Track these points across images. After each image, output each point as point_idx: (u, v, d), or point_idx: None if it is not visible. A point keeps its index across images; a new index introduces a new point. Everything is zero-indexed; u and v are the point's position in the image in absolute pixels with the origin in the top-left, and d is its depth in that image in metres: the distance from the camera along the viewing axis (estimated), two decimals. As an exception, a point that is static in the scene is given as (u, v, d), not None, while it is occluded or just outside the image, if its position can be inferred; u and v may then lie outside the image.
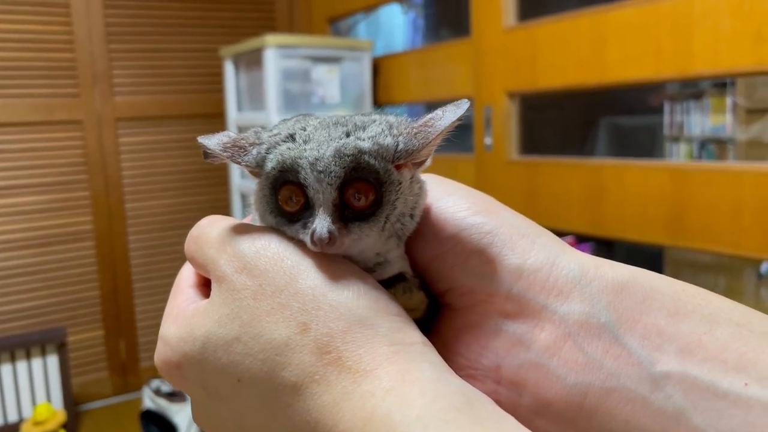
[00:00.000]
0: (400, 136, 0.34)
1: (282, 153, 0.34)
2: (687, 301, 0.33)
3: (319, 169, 0.33)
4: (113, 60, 2.94)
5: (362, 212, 0.34)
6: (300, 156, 0.33)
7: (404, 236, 0.36)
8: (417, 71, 2.38)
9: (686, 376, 0.30)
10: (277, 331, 0.31)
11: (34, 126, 2.82)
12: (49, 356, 2.74)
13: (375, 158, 0.33)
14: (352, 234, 0.33)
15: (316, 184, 0.33)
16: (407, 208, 0.35)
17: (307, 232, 0.33)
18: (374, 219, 0.34)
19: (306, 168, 0.33)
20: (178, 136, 3.13)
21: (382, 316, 0.32)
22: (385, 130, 0.34)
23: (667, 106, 2.48)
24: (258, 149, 0.35)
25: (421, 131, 0.34)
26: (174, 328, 0.35)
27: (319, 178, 0.33)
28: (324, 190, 0.33)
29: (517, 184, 1.94)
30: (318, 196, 0.33)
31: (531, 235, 0.35)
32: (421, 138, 0.34)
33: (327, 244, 0.32)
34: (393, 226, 0.35)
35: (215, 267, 0.35)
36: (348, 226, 0.33)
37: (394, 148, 0.34)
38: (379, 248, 0.35)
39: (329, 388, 0.30)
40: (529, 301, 0.33)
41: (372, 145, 0.33)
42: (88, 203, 2.96)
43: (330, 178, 0.33)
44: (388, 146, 0.34)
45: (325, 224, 0.32)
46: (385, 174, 0.34)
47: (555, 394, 0.31)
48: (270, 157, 0.34)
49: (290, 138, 0.34)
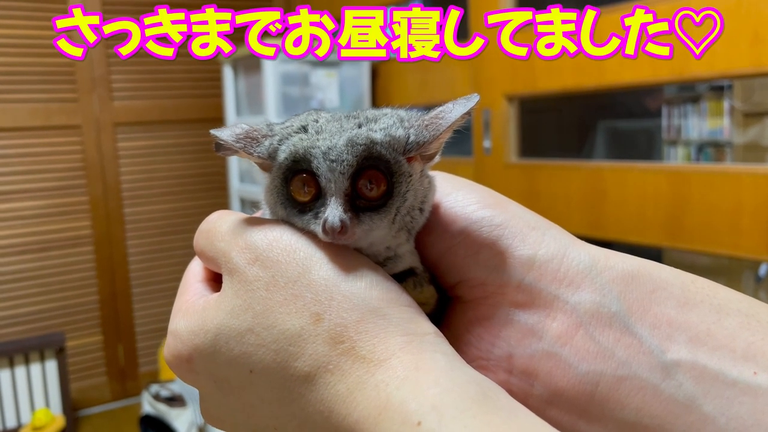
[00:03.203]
0: (411, 128, 0.35)
1: (294, 143, 0.34)
2: (696, 291, 0.33)
3: (331, 158, 0.33)
4: (112, 65, 2.94)
5: (373, 203, 0.34)
6: (313, 146, 0.33)
7: (414, 230, 0.37)
8: (415, 75, 2.38)
9: (696, 365, 0.30)
10: (291, 321, 0.31)
11: (32, 131, 2.82)
12: (48, 361, 2.72)
13: (386, 149, 0.34)
14: (363, 224, 0.33)
15: (329, 173, 0.33)
16: (417, 201, 0.36)
17: (318, 221, 0.33)
18: (385, 210, 0.34)
19: (319, 157, 0.33)
20: (176, 140, 3.13)
21: (395, 307, 0.32)
22: (396, 122, 0.35)
23: (664, 110, 2.49)
24: (270, 140, 0.35)
25: (432, 123, 0.35)
26: (184, 321, 0.36)
27: (331, 167, 0.33)
28: (336, 179, 0.33)
29: (516, 187, 1.95)
30: (330, 186, 0.33)
31: (541, 227, 0.35)
32: (432, 130, 0.34)
33: (339, 233, 0.32)
34: (403, 219, 0.35)
35: (227, 260, 0.35)
36: (359, 216, 0.33)
37: (405, 140, 0.34)
38: (389, 242, 0.35)
39: (343, 378, 0.30)
40: (541, 291, 0.33)
41: (384, 136, 0.34)
42: (86, 208, 2.96)
43: (342, 167, 0.33)
44: (399, 138, 0.34)
45: (337, 213, 0.32)
46: (396, 165, 0.34)
47: (567, 383, 0.31)
48: (282, 148, 0.34)
49: (302, 129, 0.35)
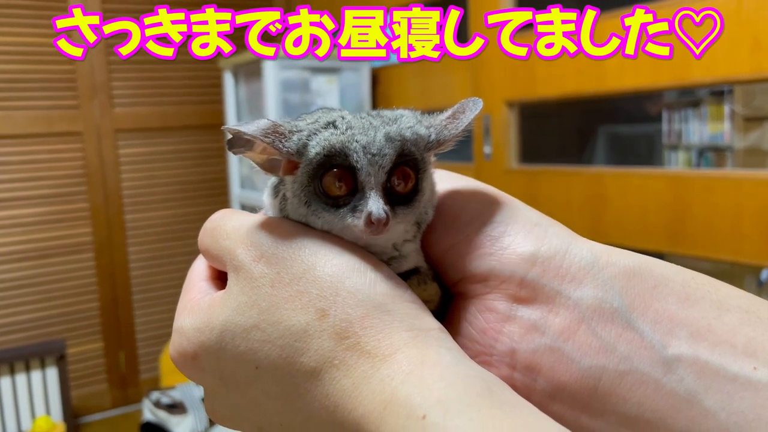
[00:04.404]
0: (431, 128, 0.37)
1: (328, 138, 0.34)
2: (696, 287, 0.33)
3: (372, 152, 0.34)
4: (112, 72, 2.96)
5: (403, 197, 0.35)
6: (350, 140, 0.34)
7: (424, 225, 0.37)
8: (416, 81, 2.39)
9: (697, 360, 0.31)
10: (296, 317, 0.32)
11: (33, 138, 2.83)
12: (49, 369, 2.72)
13: (414, 146, 0.35)
14: (396, 217, 0.34)
15: (369, 167, 0.34)
16: (433, 197, 0.37)
17: (356, 215, 0.34)
18: (413, 204, 0.35)
19: (359, 151, 0.34)
20: (177, 147, 3.14)
21: (399, 303, 0.32)
22: (417, 122, 0.37)
23: (665, 115, 2.49)
24: (299, 135, 0.35)
25: (450, 123, 0.37)
26: (189, 319, 0.36)
27: (372, 161, 0.34)
28: (376, 173, 0.34)
29: (517, 193, 1.93)
30: (369, 180, 0.34)
31: (543, 224, 0.36)
32: (451, 129, 0.36)
33: (383, 225, 0.33)
34: (421, 214, 0.37)
35: (232, 257, 0.35)
36: (394, 209, 0.34)
37: (427, 138, 0.36)
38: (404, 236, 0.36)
39: (348, 373, 0.30)
40: (543, 287, 0.33)
41: (412, 134, 0.35)
42: (87, 215, 2.96)
43: (384, 161, 0.34)
44: (423, 136, 0.36)
45: (380, 205, 0.33)
46: (422, 162, 0.36)
47: (570, 378, 0.32)
48: (313, 143, 0.34)
49: (331, 125, 0.35)
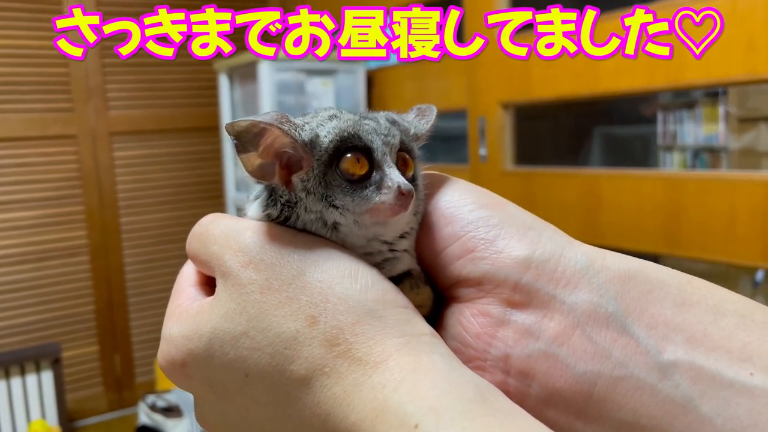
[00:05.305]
0: (410, 123, 0.39)
1: (338, 125, 0.35)
2: (692, 292, 0.33)
3: (384, 133, 0.35)
4: (107, 74, 2.95)
5: None
6: (360, 124, 0.35)
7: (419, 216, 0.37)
8: (411, 83, 2.39)
9: (693, 365, 0.30)
10: (286, 324, 0.31)
11: (28, 141, 2.82)
12: (44, 372, 2.71)
13: (405, 135, 0.37)
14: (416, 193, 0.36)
15: (384, 147, 0.35)
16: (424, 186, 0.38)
17: (382, 192, 0.34)
18: (416, 186, 0.36)
19: (371, 133, 0.35)
20: (172, 149, 3.13)
21: (391, 308, 0.32)
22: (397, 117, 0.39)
23: (660, 116, 2.49)
24: (310, 126, 0.35)
25: (423, 120, 0.40)
26: (178, 326, 0.35)
27: (386, 140, 0.35)
28: (391, 153, 0.35)
29: (512, 195, 1.94)
30: (386, 158, 0.35)
31: (538, 227, 0.35)
32: (424, 124, 0.39)
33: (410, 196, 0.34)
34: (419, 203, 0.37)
35: (220, 263, 0.34)
36: None
37: (411, 131, 0.38)
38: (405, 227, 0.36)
39: (339, 380, 0.29)
40: (538, 291, 0.33)
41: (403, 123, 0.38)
42: (82, 218, 2.95)
43: (396, 141, 0.36)
44: (407, 129, 0.38)
45: (402, 178, 0.34)
46: (414, 151, 0.38)
47: (564, 383, 0.31)
48: (323, 132, 0.35)
49: (333, 117, 0.36)
